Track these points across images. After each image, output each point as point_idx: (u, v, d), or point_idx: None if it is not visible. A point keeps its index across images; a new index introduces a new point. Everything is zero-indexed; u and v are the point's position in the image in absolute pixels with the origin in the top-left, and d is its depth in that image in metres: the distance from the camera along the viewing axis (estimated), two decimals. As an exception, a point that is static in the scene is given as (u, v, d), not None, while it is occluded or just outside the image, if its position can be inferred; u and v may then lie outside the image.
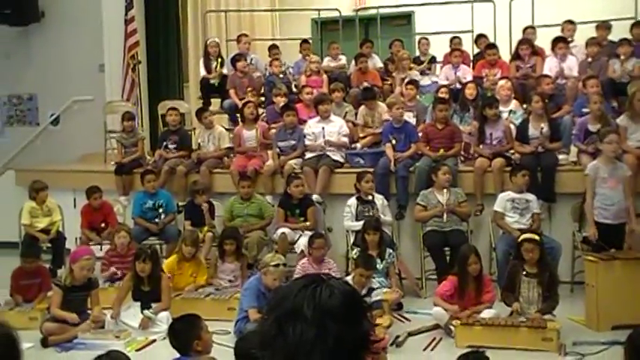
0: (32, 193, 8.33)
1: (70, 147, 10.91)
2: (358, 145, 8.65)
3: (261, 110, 9.56)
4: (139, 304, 6.38)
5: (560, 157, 7.65)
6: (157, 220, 8.14)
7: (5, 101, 11.81)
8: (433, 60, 10.46)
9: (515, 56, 9.45)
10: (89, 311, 6.29)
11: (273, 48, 10.74)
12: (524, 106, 8.36)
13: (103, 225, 8.26)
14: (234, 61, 9.94)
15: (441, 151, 7.82)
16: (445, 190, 7.27)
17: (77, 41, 11.10)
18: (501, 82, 8.56)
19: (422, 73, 10.03)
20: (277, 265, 6.11)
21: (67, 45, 11.19)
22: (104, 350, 3.73)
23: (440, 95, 8.52)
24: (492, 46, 9.64)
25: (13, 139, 11.58)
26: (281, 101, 9.06)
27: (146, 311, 6.29)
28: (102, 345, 5.44)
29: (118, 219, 8.46)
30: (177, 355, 4.35)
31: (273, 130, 8.83)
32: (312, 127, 8.38)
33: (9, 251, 8.48)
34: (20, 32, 11.45)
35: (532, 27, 9.94)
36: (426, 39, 10.75)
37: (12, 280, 6.82)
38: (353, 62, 10.26)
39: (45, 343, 5.99)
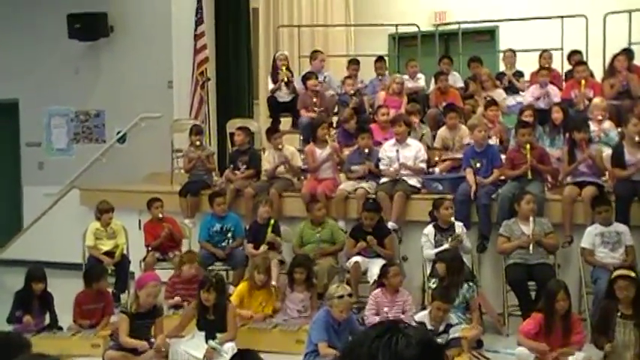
0: (97, 213, 8.58)
1: (137, 165, 11.16)
2: (436, 169, 8.59)
3: (333, 131, 9.63)
4: (203, 333, 6.44)
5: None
6: (224, 244, 8.25)
7: (72, 117, 12.17)
8: (519, 74, 10.31)
9: (609, 74, 9.23)
10: (153, 340, 6.38)
11: (352, 64, 10.77)
12: (619, 129, 8.16)
13: (166, 233, 8.42)
14: (305, 79, 10.01)
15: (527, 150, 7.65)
16: (530, 220, 7.14)
17: (146, 56, 11.39)
18: (596, 101, 8.39)
19: (506, 90, 9.90)
20: (342, 297, 6.09)
21: (135, 60, 11.48)
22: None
23: (523, 118, 8.36)
24: (582, 63, 9.45)
25: (78, 156, 11.92)
26: (351, 126, 9.10)
27: (211, 341, 6.33)
28: (165, 376, 5.51)
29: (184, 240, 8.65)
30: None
31: (347, 152, 8.86)
32: (387, 150, 8.37)
33: (72, 273, 8.70)
34: (89, 47, 11.80)
35: (629, 50, 9.61)
36: (512, 51, 10.62)
37: (75, 305, 6.98)
38: (432, 80, 10.22)
39: (107, 371, 6.10)
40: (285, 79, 10.19)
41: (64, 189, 11.07)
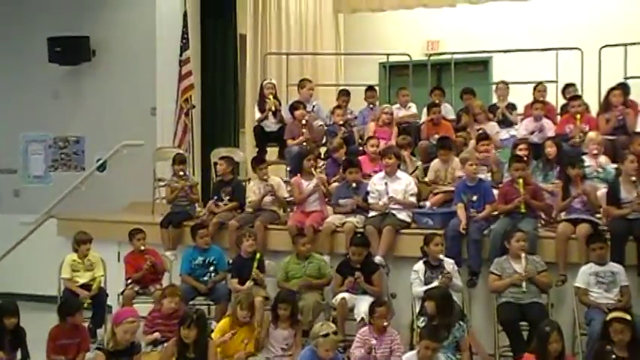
0: (75, 244, 8.54)
1: (117, 195, 11.13)
2: (427, 203, 8.63)
3: (321, 161, 9.68)
4: (183, 372, 6.40)
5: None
6: (206, 278, 8.23)
7: (51, 144, 12.15)
8: (512, 107, 10.40)
9: (605, 108, 9.33)
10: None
11: (342, 94, 10.84)
12: (615, 165, 8.23)
13: (148, 266, 8.40)
14: (292, 108, 10.06)
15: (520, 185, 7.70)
16: (522, 257, 7.16)
17: (129, 82, 11.41)
18: (591, 135, 8.48)
19: (500, 124, 9.98)
20: (327, 335, 6.09)
21: (118, 85, 11.50)
22: None
23: (517, 152, 8.44)
24: (577, 97, 9.55)
25: (56, 184, 11.87)
26: (341, 155, 9.15)
27: (191, 380, 6.31)
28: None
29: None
30: None
31: (335, 185, 8.90)
32: (377, 183, 8.40)
33: (47, 306, 8.64)
34: (70, 71, 11.82)
35: (625, 84, 9.65)
36: (505, 83, 10.72)
37: (49, 340, 6.89)
38: (425, 111, 10.28)
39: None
40: (273, 109, 10.23)
41: (41, 218, 11.02)
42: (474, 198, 7.99)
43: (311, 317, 7.47)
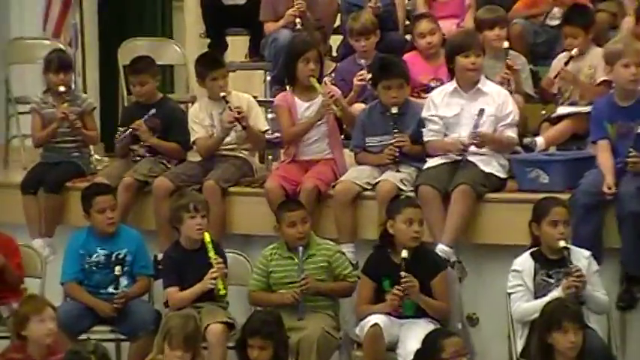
0: None
1: None
2: (538, 140, 8.62)
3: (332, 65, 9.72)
4: None
5: None
6: (111, 289, 8.28)
7: None
8: None
9: None
10: None
11: None
12: None
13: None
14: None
15: None
16: None
17: None
18: None
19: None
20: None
21: None
22: None
23: None
24: None
25: None
26: (369, 49, 9.18)
27: None
28: None
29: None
30: None
31: (358, 106, 8.92)
32: (440, 104, 8.42)
33: None
34: None
35: None
36: None
37: None
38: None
39: None
40: None
41: None
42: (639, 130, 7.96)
43: (314, 360, 7.52)
